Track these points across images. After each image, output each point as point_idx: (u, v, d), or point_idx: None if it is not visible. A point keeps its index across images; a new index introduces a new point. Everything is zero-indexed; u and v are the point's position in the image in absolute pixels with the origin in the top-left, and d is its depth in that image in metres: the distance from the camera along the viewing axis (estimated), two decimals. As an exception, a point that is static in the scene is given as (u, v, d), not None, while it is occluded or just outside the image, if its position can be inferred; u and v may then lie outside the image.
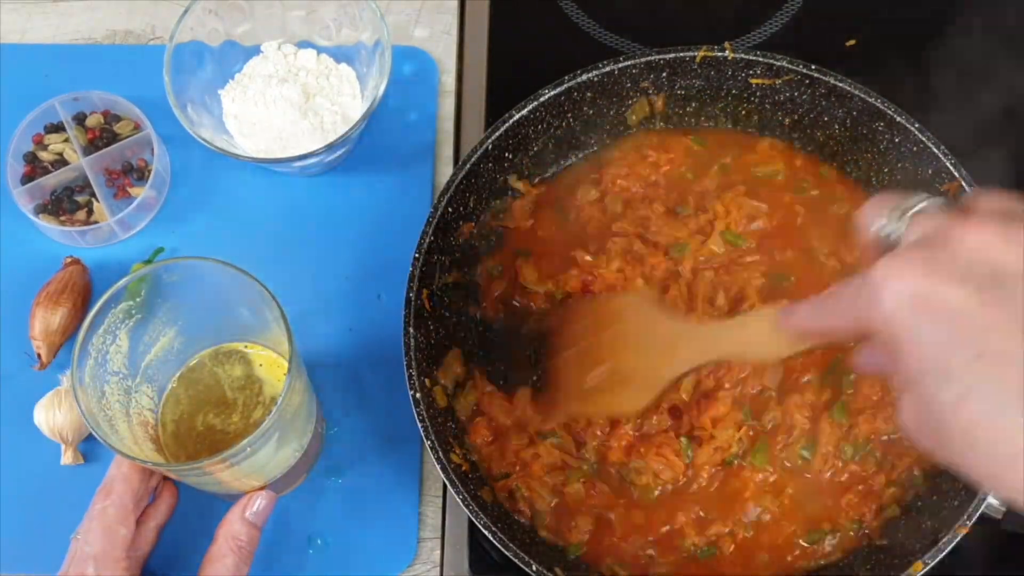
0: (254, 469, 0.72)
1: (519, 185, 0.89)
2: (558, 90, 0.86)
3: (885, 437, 0.81)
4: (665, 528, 0.80)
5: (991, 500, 0.75)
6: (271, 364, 0.79)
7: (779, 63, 0.86)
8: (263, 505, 0.74)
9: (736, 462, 0.80)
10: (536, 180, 0.91)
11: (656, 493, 0.80)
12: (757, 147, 0.91)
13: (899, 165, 0.86)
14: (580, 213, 0.89)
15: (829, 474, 0.80)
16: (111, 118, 0.95)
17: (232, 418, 0.77)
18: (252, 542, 0.73)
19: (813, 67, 0.86)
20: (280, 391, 0.68)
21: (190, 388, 0.78)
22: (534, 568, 0.73)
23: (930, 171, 0.84)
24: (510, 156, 0.88)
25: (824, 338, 0.59)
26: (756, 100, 0.90)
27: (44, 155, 0.93)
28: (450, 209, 0.84)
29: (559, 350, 0.82)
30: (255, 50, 0.93)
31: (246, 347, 0.79)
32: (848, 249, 0.86)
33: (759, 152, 0.91)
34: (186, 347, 0.78)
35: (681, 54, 0.87)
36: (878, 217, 0.52)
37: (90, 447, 0.86)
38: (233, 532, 0.72)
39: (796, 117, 0.90)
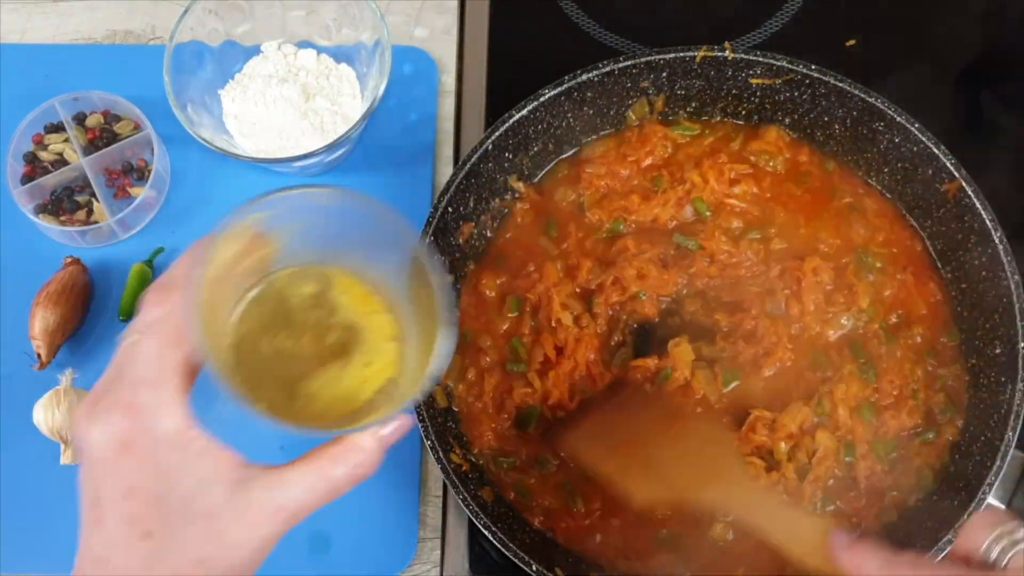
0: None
1: (519, 186, 0.89)
2: (558, 90, 0.86)
3: (905, 433, 0.81)
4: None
5: (991, 500, 0.75)
6: (350, 289, 0.67)
7: (779, 63, 0.86)
8: (397, 429, 0.57)
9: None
10: (530, 182, 0.90)
11: None
12: (765, 135, 0.90)
13: (899, 165, 0.86)
14: (560, 213, 0.89)
15: (867, 476, 0.80)
16: (111, 118, 0.95)
17: (303, 341, 0.65)
18: (371, 465, 0.57)
19: (813, 67, 0.86)
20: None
21: (259, 305, 0.66)
22: (534, 568, 0.73)
23: (930, 171, 0.84)
24: (510, 156, 0.88)
25: None
26: (756, 100, 0.90)
27: (44, 155, 0.93)
28: (450, 209, 0.84)
29: (608, 410, 0.81)
30: (255, 50, 0.93)
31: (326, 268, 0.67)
32: (847, 230, 0.87)
33: (767, 140, 0.90)
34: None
35: (681, 54, 0.87)
36: (983, 538, 0.54)
37: (90, 447, 0.86)
38: (358, 444, 0.56)
39: (796, 117, 0.89)
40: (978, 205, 0.81)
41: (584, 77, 0.86)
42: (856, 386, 0.81)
